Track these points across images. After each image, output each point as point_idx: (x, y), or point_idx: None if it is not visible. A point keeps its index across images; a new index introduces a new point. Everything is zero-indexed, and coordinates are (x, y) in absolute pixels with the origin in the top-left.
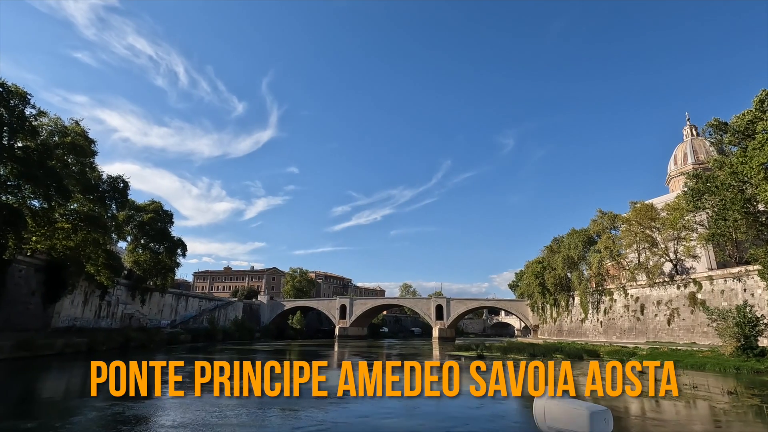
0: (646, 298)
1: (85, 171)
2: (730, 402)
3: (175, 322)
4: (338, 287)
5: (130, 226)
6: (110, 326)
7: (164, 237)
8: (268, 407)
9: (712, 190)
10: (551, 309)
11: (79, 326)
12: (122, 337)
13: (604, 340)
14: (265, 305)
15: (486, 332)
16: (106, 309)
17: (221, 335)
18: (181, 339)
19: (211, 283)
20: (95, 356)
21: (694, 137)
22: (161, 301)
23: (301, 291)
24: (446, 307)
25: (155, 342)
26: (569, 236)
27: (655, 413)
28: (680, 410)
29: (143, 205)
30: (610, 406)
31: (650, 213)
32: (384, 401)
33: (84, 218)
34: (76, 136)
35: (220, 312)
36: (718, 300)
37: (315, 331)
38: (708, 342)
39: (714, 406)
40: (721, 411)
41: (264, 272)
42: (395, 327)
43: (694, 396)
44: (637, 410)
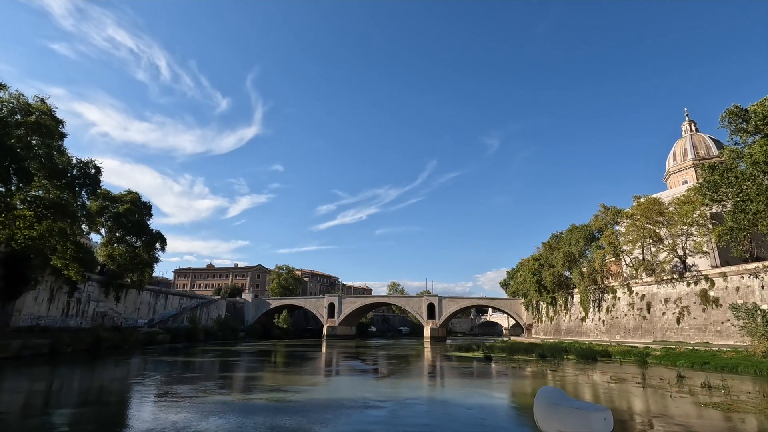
0: (652, 296)
1: (51, 154)
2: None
3: (153, 322)
4: (325, 285)
5: (104, 218)
6: (80, 325)
7: (141, 230)
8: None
9: (731, 182)
10: (547, 307)
11: (44, 325)
12: (92, 338)
13: (607, 339)
14: (250, 304)
15: (473, 331)
16: (75, 307)
17: (203, 335)
18: (159, 339)
19: (193, 281)
20: (59, 359)
21: (694, 133)
22: (138, 299)
23: (287, 289)
24: (438, 305)
25: (130, 343)
26: (569, 232)
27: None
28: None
29: (119, 195)
30: (611, 407)
31: (657, 207)
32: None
33: (49, 206)
34: (42, 115)
35: (202, 311)
36: (733, 297)
37: (302, 330)
38: (722, 342)
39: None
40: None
41: (248, 270)
42: (383, 326)
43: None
44: (639, 409)
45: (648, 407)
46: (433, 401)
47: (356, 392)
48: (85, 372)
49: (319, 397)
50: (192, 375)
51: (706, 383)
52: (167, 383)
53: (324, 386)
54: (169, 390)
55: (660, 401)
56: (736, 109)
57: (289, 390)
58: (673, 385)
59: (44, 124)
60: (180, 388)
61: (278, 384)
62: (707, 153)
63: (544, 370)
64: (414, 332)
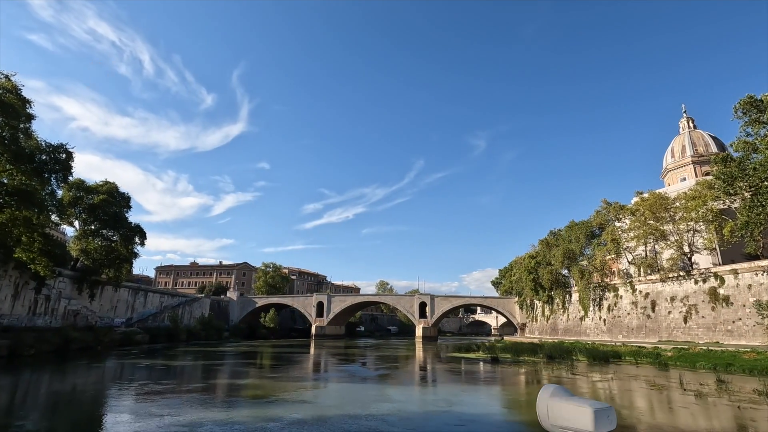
0: (657, 294)
1: (16, 137)
2: None
3: (132, 321)
4: (313, 284)
5: (78, 209)
6: (49, 325)
7: (119, 222)
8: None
9: (748, 174)
10: (543, 306)
11: (6, 324)
12: (60, 338)
13: (608, 339)
14: (235, 302)
15: (462, 331)
16: (44, 304)
17: (185, 335)
18: (137, 340)
19: (176, 279)
20: (18, 362)
21: (692, 129)
22: (115, 297)
23: (273, 287)
24: (430, 304)
25: (104, 343)
26: (568, 229)
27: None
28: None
29: (94, 185)
30: (613, 404)
31: (663, 203)
32: None
33: (13, 192)
34: (5, 92)
35: (185, 309)
36: (745, 295)
37: (289, 330)
38: (734, 341)
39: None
40: None
41: (234, 267)
42: (371, 326)
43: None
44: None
45: (736, 424)
46: (467, 418)
47: (368, 408)
48: (35, 378)
49: (314, 414)
50: (164, 384)
51: (764, 391)
52: (130, 394)
53: (322, 398)
54: (131, 405)
55: (737, 415)
56: (751, 99)
57: (278, 402)
58: (721, 392)
59: (8, 103)
60: (144, 401)
61: (265, 393)
62: (706, 150)
63: (562, 374)
64: (403, 332)
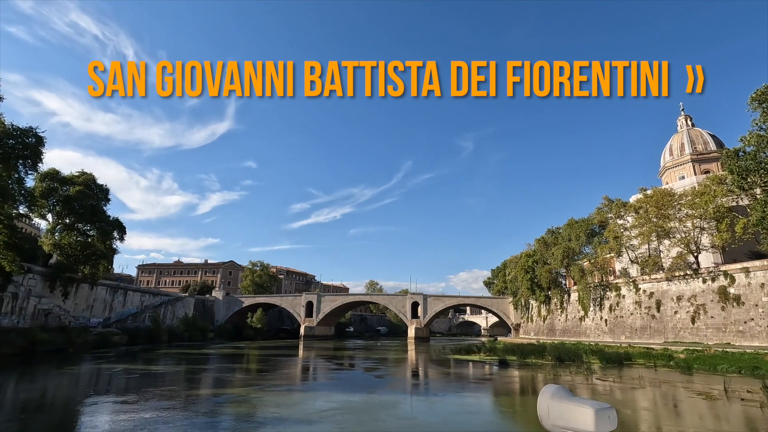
0: (662, 294)
1: None
2: None
3: (110, 321)
4: (301, 284)
5: (52, 201)
6: (16, 325)
7: (96, 216)
8: None
9: (764, 167)
10: (540, 306)
11: None
12: (26, 340)
13: (610, 340)
14: (221, 302)
15: (452, 331)
16: (10, 303)
17: (167, 336)
18: (115, 341)
19: (158, 278)
20: None
21: (690, 127)
22: (91, 295)
23: (261, 287)
24: (423, 304)
25: (77, 345)
26: (568, 227)
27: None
28: None
29: (70, 176)
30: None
31: (668, 199)
32: None
33: None
34: None
35: (167, 309)
36: (757, 295)
37: (276, 330)
38: (746, 342)
39: None
40: None
41: (219, 266)
42: (361, 326)
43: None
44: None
45: None
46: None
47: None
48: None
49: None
50: (134, 394)
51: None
52: (93, 407)
53: (320, 421)
54: (91, 420)
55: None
56: (766, 89)
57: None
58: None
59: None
60: (104, 415)
61: (249, 410)
62: (705, 148)
63: (587, 380)
64: (392, 332)
